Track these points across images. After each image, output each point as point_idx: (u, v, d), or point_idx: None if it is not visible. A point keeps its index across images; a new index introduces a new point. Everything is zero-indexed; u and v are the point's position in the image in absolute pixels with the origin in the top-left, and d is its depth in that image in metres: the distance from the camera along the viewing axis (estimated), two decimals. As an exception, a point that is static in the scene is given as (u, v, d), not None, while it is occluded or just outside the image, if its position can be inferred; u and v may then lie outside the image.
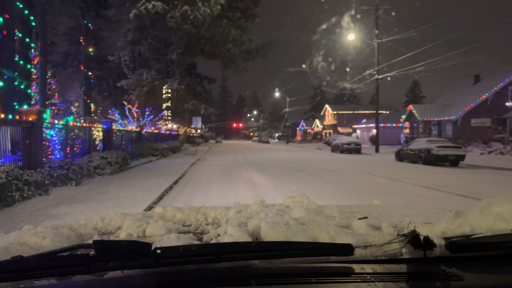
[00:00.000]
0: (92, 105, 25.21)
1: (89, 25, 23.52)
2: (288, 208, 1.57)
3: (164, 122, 34.58)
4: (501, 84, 30.97)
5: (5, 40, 10.22)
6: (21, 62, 11.45)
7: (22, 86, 11.19)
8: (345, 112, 59.98)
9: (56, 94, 23.06)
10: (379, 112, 32.31)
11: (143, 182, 11.19)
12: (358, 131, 51.28)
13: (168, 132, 34.05)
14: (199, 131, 47.06)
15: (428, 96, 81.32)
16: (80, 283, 0.98)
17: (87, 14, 22.00)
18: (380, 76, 29.40)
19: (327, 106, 65.44)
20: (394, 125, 43.96)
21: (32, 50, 14.09)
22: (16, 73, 10.88)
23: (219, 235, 1.29)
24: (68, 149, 12.32)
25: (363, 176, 13.65)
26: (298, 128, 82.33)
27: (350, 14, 29.99)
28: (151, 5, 20.55)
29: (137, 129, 22.80)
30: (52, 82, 22.80)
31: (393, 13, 29.56)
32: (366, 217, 1.53)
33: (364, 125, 49.96)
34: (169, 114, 35.37)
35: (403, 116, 40.09)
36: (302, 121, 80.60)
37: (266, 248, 1.05)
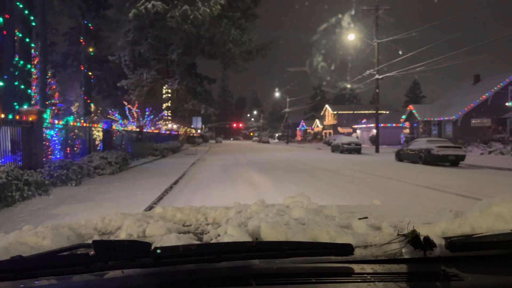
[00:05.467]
0: (92, 105, 25.19)
1: (89, 25, 23.51)
2: (288, 208, 1.57)
3: (164, 122, 34.58)
4: (501, 84, 30.97)
5: (5, 40, 10.22)
6: (21, 62, 11.45)
7: (22, 86, 11.19)
8: (345, 112, 59.98)
9: (56, 94, 23.03)
10: (379, 112, 32.31)
11: (143, 182, 11.19)
12: (358, 131, 51.28)
13: (168, 132, 34.05)
14: (199, 131, 47.06)
15: (428, 96, 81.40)
16: (80, 283, 0.98)
17: (87, 14, 22.00)
18: (380, 76, 29.39)
19: (327, 106, 65.45)
20: (394, 125, 43.96)
21: (32, 50, 14.08)
22: (17, 73, 10.88)
23: (219, 235, 1.29)
24: (68, 149, 12.32)
25: (363, 176, 13.65)
26: (298, 128, 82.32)
27: (350, 14, 29.99)
28: (150, 4, 20.57)
29: (137, 129, 22.80)
30: (52, 82, 22.77)
31: (393, 14, 29.55)
32: (366, 217, 1.53)
33: (364, 125, 49.96)
34: (169, 114, 35.37)
35: (403, 116, 40.10)
36: (302, 121, 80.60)
37: (266, 248, 1.05)
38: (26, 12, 11.67)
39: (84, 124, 13.98)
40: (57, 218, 6.35)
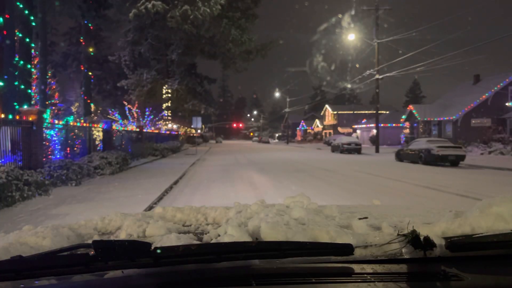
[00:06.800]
0: (92, 105, 25.20)
1: (89, 25, 23.52)
2: (288, 208, 1.57)
3: (164, 122, 34.57)
4: (501, 84, 30.97)
5: (5, 40, 10.22)
6: (21, 62, 11.45)
7: (22, 86, 11.20)
8: (345, 112, 59.99)
9: (56, 94, 23.02)
10: (379, 112, 32.31)
11: (143, 182, 11.19)
12: (358, 131, 51.28)
13: (168, 132, 34.05)
14: (199, 131, 47.06)
15: (428, 96, 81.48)
16: (80, 283, 0.98)
17: (87, 14, 22.00)
18: (380, 76, 29.40)
19: (327, 106, 65.46)
20: (394, 125, 43.97)
21: (32, 50, 14.08)
22: (17, 73, 10.87)
23: (219, 235, 1.29)
24: (68, 149, 12.32)
25: (363, 176, 13.65)
26: (298, 128, 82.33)
27: (350, 14, 29.99)
28: (151, 4, 20.56)
29: (137, 129, 22.80)
30: (52, 82, 22.76)
31: (393, 14, 29.60)
32: (366, 217, 1.53)
33: (364, 125, 49.96)
34: (169, 114, 35.37)
35: (403, 116, 40.10)
36: (302, 121, 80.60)
37: (266, 248, 1.05)
38: (26, 12, 11.67)
39: (84, 124, 13.98)
40: (57, 218, 6.35)
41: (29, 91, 12.11)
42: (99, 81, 38.91)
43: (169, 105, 34.54)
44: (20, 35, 11.68)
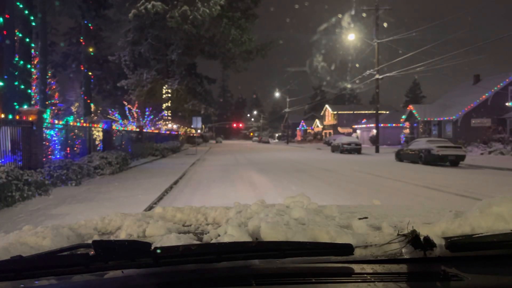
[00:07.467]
0: (92, 105, 25.20)
1: (89, 25, 23.52)
2: (288, 208, 1.57)
3: (164, 122, 34.57)
4: (501, 84, 30.97)
5: (5, 40, 10.22)
6: (21, 62, 11.45)
7: (22, 86, 11.19)
8: (345, 112, 59.99)
9: (56, 94, 23.00)
10: (379, 112, 32.31)
11: (143, 182, 11.19)
12: (358, 131, 51.28)
13: (168, 132, 34.04)
14: (199, 131, 47.05)
15: (428, 96, 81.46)
16: (80, 283, 0.98)
17: (87, 14, 22.01)
18: (380, 76, 29.40)
19: (327, 106, 65.47)
20: (394, 125, 43.96)
21: (32, 50, 14.07)
22: (17, 73, 10.87)
23: (219, 235, 1.29)
24: (68, 149, 12.32)
25: (363, 176, 13.64)
26: (298, 128, 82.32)
27: (350, 14, 29.99)
28: (150, 5, 20.56)
29: (137, 129, 22.80)
30: (52, 82, 22.75)
31: (393, 14, 29.61)
32: (366, 217, 1.53)
33: (364, 125, 49.96)
34: (169, 114, 35.36)
35: (403, 116, 40.09)
36: (302, 121, 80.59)
37: (266, 248, 1.05)
38: (26, 12, 11.67)
39: (84, 124, 13.98)
40: (57, 218, 6.35)
41: (29, 91, 12.10)
42: (99, 81, 38.90)
43: (169, 105, 34.54)
44: (20, 35, 11.68)
